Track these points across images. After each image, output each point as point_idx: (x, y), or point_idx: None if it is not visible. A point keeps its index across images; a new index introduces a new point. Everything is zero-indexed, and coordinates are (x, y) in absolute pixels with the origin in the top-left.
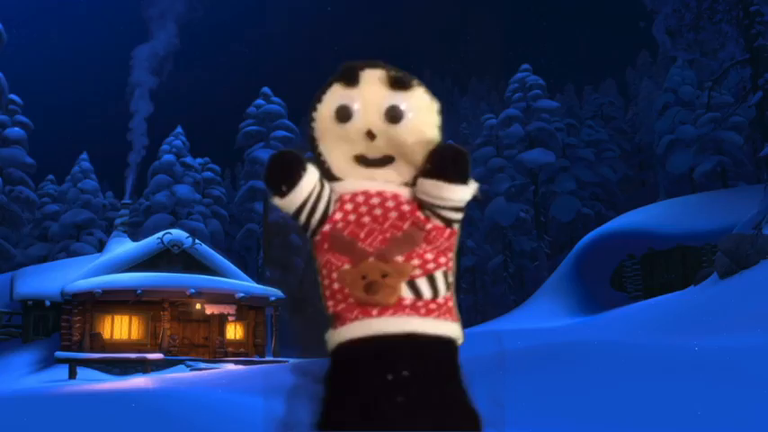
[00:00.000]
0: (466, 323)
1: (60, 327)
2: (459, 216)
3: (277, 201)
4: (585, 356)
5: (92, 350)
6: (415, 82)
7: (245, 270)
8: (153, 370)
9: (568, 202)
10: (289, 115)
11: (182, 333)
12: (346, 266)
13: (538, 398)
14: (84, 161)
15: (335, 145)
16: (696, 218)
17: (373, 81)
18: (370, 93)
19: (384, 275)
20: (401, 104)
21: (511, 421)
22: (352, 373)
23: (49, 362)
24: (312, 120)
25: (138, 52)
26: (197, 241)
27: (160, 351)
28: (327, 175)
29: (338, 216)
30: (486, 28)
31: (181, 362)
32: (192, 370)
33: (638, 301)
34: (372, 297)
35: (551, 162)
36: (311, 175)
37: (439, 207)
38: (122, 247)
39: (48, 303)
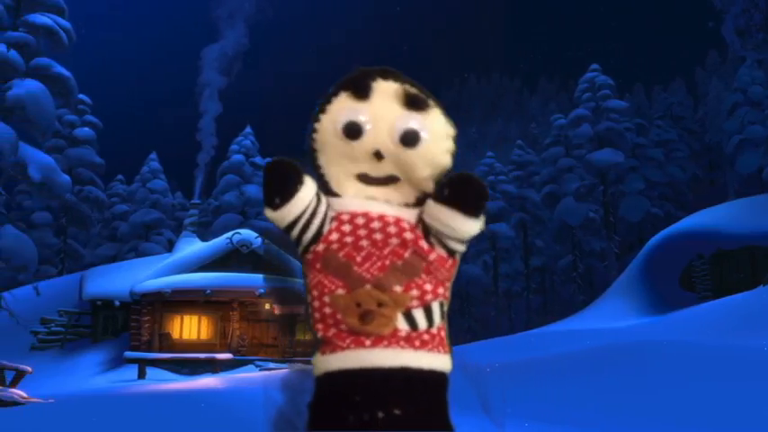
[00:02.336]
0: (534, 323)
1: (129, 327)
2: (463, 248)
3: (269, 213)
4: (655, 356)
5: (161, 350)
6: (431, 102)
7: None
8: (222, 370)
9: (637, 202)
10: None
11: (251, 333)
12: (340, 291)
13: (606, 397)
14: (153, 161)
15: (337, 161)
16: (765, 218)
17: (387, 96)
18: (383, 110)
19: (380, 305)
20: (416, 127)
21: (579, 420)
22: (342, 405)
23: (118, 362)
24: (314, 130)
25: (207, 52)
26: (266, 241)
27: (229, 351)
28: (325, 189)
29: (334, 236)
30: (556, 28)
31: (250, 362)
32: (261, 370)
33: (707, 301)
34: (366, 327)
35: (620, 162)
36: (308, 189)
37: (447, 237)
38: (191, 247)
39: (117, 303)
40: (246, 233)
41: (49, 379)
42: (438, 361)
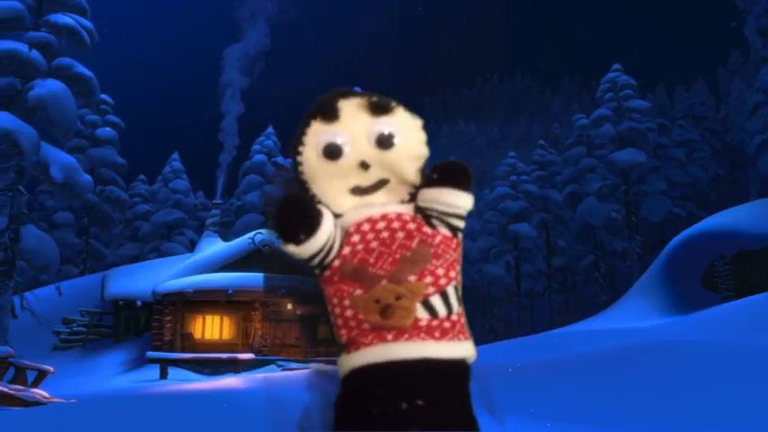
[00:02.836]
0: (556, 323)
1: (151, 327)
2: (463, 225)
3: (291, 248)
4: (677, 356)
5: (183, 350)
6: (393, 103)
7: None
8: (244, 370)
9: (660, 202)
10: None
11: (273, 333)
12: (358, 292)
13: (628, 397)
14: (175, 161)
15: (329, 183)
16: None
17: (354, 111)
18: (354, 123)
19: (397, 297)
20: (388, 129)
21: (601, 420)
22: (366, 399)
23: (140, 362)
24: (298, 164)
25: (229, 52)
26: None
27: (251, 351)
28: None
29: (347, 251)
30: (578, 28)
31: (272, 362)
32: (283, 370)
33: (729, 301)
34: (388, 321)
35: (642, 162)
36: (328, 219)
37: (446, 214)
38: (213, 247)
39: (139, 303)
40: (268, 233)
41: (70, 379)
42: (459, 349)
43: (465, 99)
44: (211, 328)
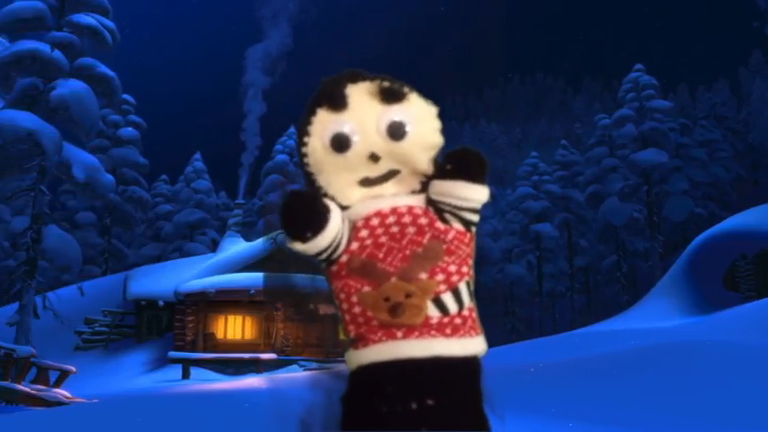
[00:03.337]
0: (578, 323)
1: (173, 327)
2: (477, 218)
3: (298, 245)
4: (699, 356)
5: (205, 350)
6: (406, 89)
7: None
8: (266, 370)
9: (681, 201)
10: None
11: (295, 333)
12: (366, 288)
13: (650, 397)
14: (197, 161)
15: (336, 175)
16: None
17: (363, 98)
18: (364, 112)
19: (408, 295)
20: (401, 118)
21: (623, 420)
22: (374, 397)
23: (162, 362)
24: (304, 155)
25: (251, 52)
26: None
27: (273, 351)
28: None
29: (355, 246)
30: (600, 27)
31: (294, 362)
32: (305, 370)
33: (751, 300)
34: (398, 319)
35: (664, 162)
36: (336, 215)
37: (460, 208)
38: (235, 247)
39: (161, 303)
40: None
41: (93, 379)
42: (470, 346)
43: (487, 99)
44: (233, 328)
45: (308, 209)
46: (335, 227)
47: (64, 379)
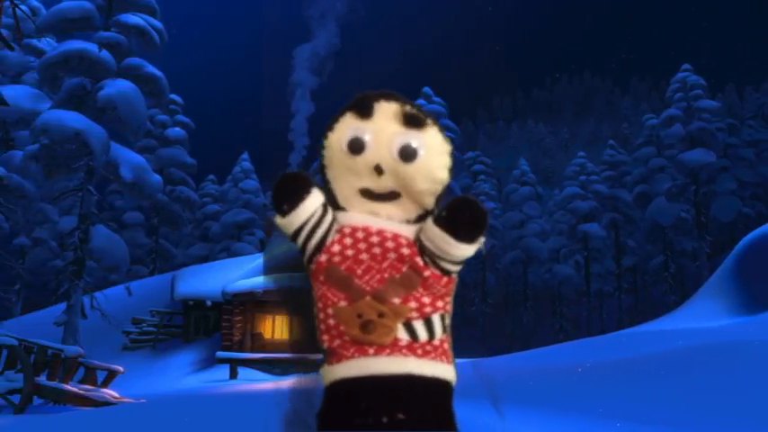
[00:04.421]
0: (625, 323)
1: (221, 327)
2: (457, 268)
3: (278, 219)
4: (747, 356)
5: (252, 350)
6: (429, 120)
7: None
8: (314, 370)
9: (729, 201)
10: (449, 115)
11: None
12: (342, 303)
13: (698, 397)
14: (245, 161)
15: (343, 175)
16: None
17: (387, 115)
18: (383, 127)
19: (380, 315)
20: (414, 143)
21: (670, 420)
22: (347, 411)
23: (209, 362)
24: (323, 147)
25: (299, 52)
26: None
27: (320, 351)
28: (333, 203)
29: (336, 248)
30: (647, 27)
31: None
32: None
33: None
34: (367, 336)
35: (712, 162)
36: (314, 199)
37: (439, 258)
38: (283, 247)
39: (208, 303)
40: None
41: (140, 379)
42: (440, 369)
43: (535, 99)
44: (281, 328)
45: (287, 184)
46: (311, 206)
47: (111, 379)
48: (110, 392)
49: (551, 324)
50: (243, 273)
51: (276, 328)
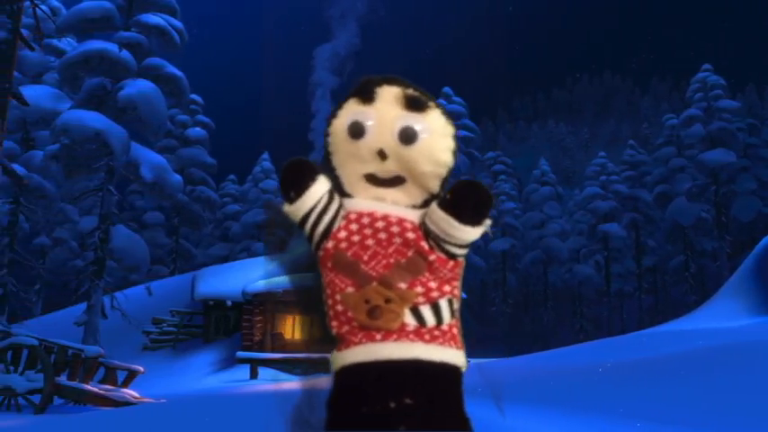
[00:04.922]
0: (646, 323)
1: (241, 327)
2: (463, 252)
3: (286, 207)
4: (767, 356)
5: (273, 350)
6: (431, 103)
7: None
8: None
9: (749, 201)
10: (469, 115)
11: None
12: (350, 289)
13: (718, 398)
14: (265, 161)
15: (347, 161)
16: None
17: (389, 99)
18: (385, 111)
19: (387, 301)
20: (415, 126)
21: (690, 421)
22: (355, 397)
23: (230, 362)
24: (327, 134)
25: (320, 52)
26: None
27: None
28: (339, 190)
29: (342, 234)
30: (668, 27)
31: None
32: None
33: None
34: (375, 322)
35: (732, 162)
36: (320, 186)
37: (444, 241)
38: (303, 246)
39: (229, 303)
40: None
41: (160, 379)
42: (449, 354)
43: (555, 99)
44: (301, 328)
45: (294, 171)
46: (317, 193)
47: (132, 379)
48: (130, 392)
49: (572, 324)
50: (263, 273)
51: (296, 327)
